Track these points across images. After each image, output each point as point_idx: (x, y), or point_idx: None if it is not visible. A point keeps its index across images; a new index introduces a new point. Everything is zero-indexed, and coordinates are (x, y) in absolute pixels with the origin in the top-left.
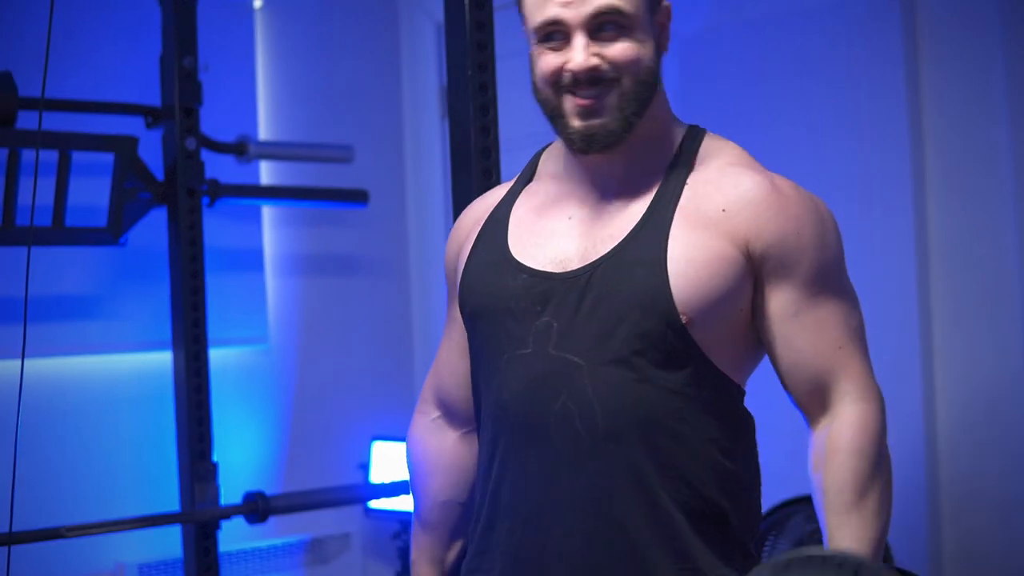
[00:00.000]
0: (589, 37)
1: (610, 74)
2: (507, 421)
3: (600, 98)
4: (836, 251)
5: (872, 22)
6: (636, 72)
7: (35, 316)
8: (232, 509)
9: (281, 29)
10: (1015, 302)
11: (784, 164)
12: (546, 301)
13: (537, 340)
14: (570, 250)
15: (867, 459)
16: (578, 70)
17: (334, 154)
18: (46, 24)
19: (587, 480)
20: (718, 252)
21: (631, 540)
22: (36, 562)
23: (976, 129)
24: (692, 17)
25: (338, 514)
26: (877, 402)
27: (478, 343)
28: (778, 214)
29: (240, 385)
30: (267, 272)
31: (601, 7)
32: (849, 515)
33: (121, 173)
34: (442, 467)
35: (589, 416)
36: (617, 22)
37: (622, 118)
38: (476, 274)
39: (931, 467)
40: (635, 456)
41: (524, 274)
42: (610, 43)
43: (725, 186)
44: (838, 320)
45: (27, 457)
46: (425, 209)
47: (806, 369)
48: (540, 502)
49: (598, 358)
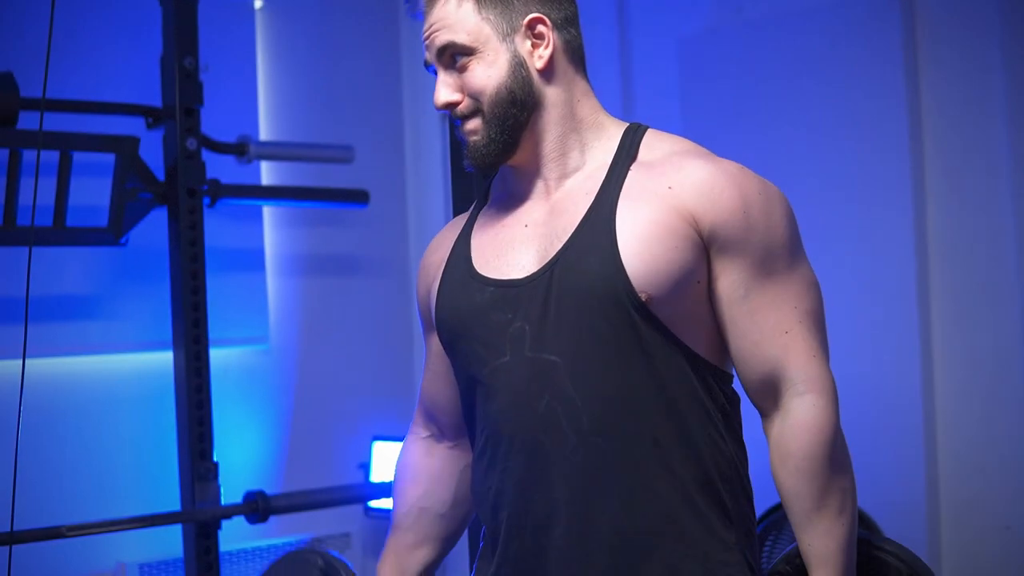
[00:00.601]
0: (450, 69)
1: (467, 104)
2: (498, 432)
3: (464, 125)
4: (786, 232)
5: (872, 22)
6: (487, 95)
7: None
8: (232, 509)
9: (281, 29)
10: (1015, 302)
11: (784, 164)
12: (515, 308)
13: (513, 347)
14: (530, 254)
15: (820, 460)
16: (436, 107)
17: (334, 154)
18: (47, 24)
19: (578, 477)
20: (665, 225)
21: (626, 533)
22: (37, 562)
23: (975, 129)
24: (692, 17)
25: (338, 514)
26: (826, 394)
27: (460, 363)
28: (723, 193)
29: (240, 385)
30: (268, 272)
31: (440, 44)
32: (812, 523)
33: (122, 173)
34: (425, 476)
35: (573, 413)
36: (461, 51)
37: (489, 139)
38: (448, 299)
39: (931, 467)
40: (621, 447)
41: (490, 287)
42: (463, 73)
43: (669, 170)
44: (787, 303)
45: (28, 457)
46: (425, 209)
47: (754, 355)
48: (536, 506)
49: (573, 353)
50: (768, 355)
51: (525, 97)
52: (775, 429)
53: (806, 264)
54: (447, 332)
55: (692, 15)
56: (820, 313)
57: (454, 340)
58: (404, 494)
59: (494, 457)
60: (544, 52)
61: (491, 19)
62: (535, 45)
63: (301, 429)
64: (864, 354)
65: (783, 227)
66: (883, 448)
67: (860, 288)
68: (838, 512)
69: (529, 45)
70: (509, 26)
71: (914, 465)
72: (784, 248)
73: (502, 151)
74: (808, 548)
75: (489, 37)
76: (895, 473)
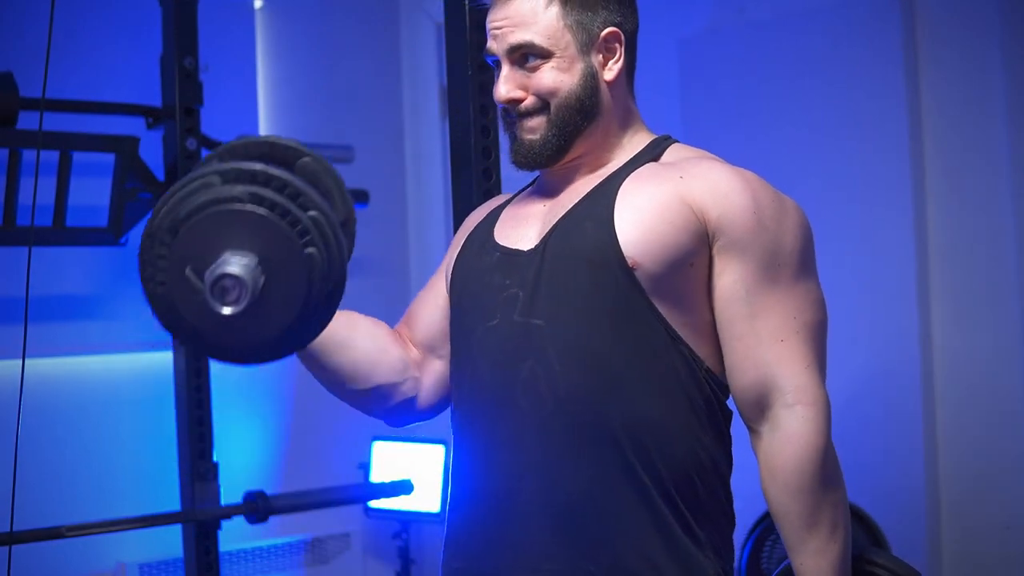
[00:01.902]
0: (516, 66)
1: (532, 102)
2: (482, 394)
3: (523, 123)
4: (797, 243)
5: (872, 22)
6: (557, 99)
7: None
8: (232, 509)
9: (281, 29)
10: (1015, 302)
11: (785, 164)
12: (514, 274)
13: (504, 310)
14: (536, 228)
15: (809, 476)
16: (497, 100)
17: (334, 154)
18: (47, 24)
19: (553, 443)
20: (666, 204)
21: (599, 503)
22: (37, 562)
23: (975, 129)
24: (692, 17)
25: (338, 514)
26: (816, 405)
27: (458, 323)
28: (735, 192)
29: (240, 385)
30: None
31: (515, 43)
32: (804, 541)
33: (122, 173)
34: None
35: (551, 378)
36: (537, 53)
37: (546, 141)
38: (463, 256)
39: (931, 467)
40: (595, 419)
41: (497, 252)
42: (532, 72)
43: (686, 166)
44: (786, 312)
45: (27, 457)
46: (425, 209)
47: (746, 359)
48: (509, 469)
49: (557, 318)
50: (760, 360)
51: (591, 107)
52: (764, 442)
53: (815, 281)
54: (453, 289)
55: (692, 15)
56: (821, 330)
57: (459, 298)
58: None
59: (472, 416)
60: (615, 66)
61: (573, 27)
62: (607, 58)
63: (301, 429)
64: (864, 354)
65: (794, 237)
66: (883, 448)
67: (860, 288)
68: (831, 530)
69: (602, 57)
70: (588, 37)
71: (914, 465)
72: (792, 257)
73: (555, 154)
74: (800, 567)
75: (568, 44)
76: (895, 473)
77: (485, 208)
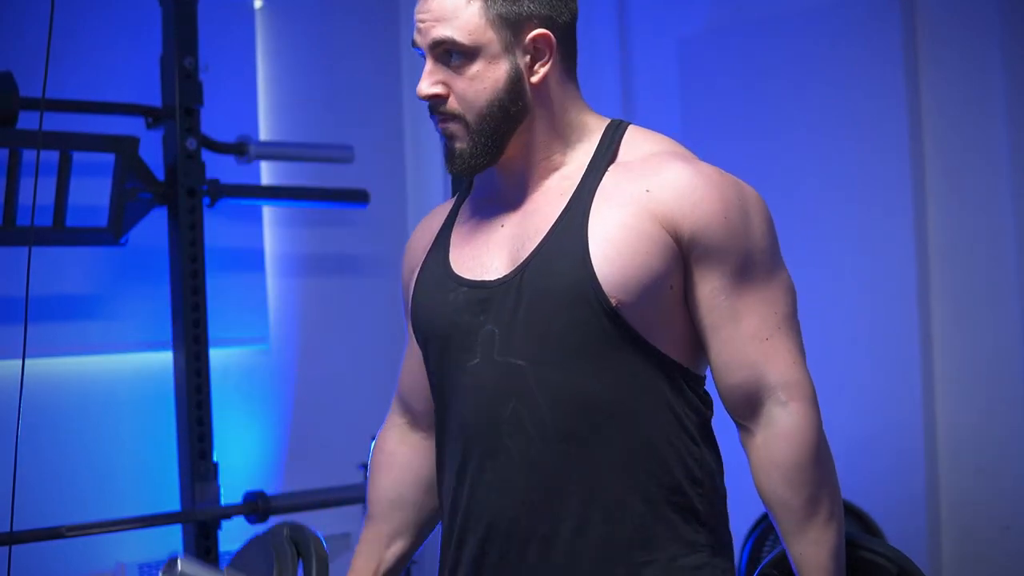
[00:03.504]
0: (440, 62)
1: (453, 104)
2: (465, 434)
3: (446, 125)
4: (766, 238)
5: (872, 22)
6: (474, 110)
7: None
8: (232, 509)
9: (281, 29)
10: (1015, 302)
11: (784, 164)
12: (486, 310)
13: (483, 349)
14: (502, 256)
15: (807, 470)
16: (421, 95)
17: (334, 154)
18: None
19: (541, 484)
20: (639, 230)
21: (589, 540)
22: (36, 562)
23: (975, 129)
24: (692, 17)
25: (338, 514)
26: (807, 401)
27: (432, 362)
28: (703, 199)
29: (240, 385)
30: (267, 272)
31: (437, 38)
32: (802, 532)
33: (122, 173)
34: (397, 464)
35: (538, 418)
36: (459, 51)
37: (475, 147)
38: (423, 295)
39: (931, 467)
40: (587, 453)
41: (463, 287)
42: (456, 72)
43: (648, 171)
44: (766, 309)
45: (27, 457)
46: (425, 209)
47: (734, 360)
48: (499, 511)
49: (539, 358)
50: (748, 361)
51: (516, 110)
52: (758, 439)
53: (783, 267)
54: (420, 330)
55: (692, 15)
56: (796, 316)
57: (427, 339)
58: (378, 482)
59: (457, 457)
60: (541, 69)
61: (496, 24)
62: (534, 59)
63: (301, 429)
64: (864, 354)
65: (762, 232)
66: (883, 448)
67: (860, 288)
68: (827, 519)
69: (528, 59)
70: (513, 37)
71: (914, 465)
72: (764, 253)
73: (488, 160)
74: (800, 557)
75: (491, 43)
76: (895, 473)
77: (425, 231)
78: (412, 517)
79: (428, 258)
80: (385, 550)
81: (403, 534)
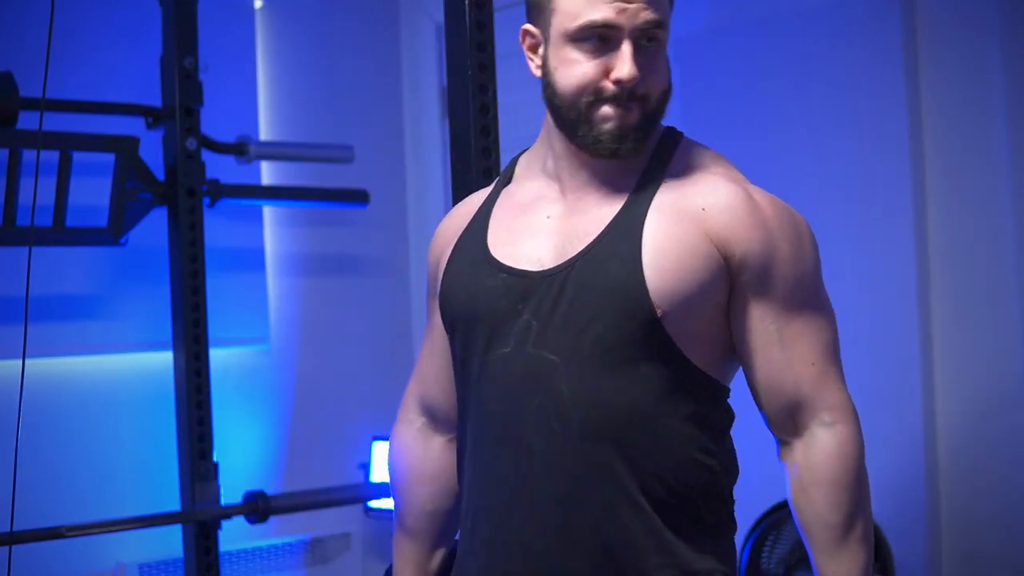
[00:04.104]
0: (637, 46)
1: (643, 87)
2: (487, 421)
3: (632, 106)
4: (814, 265)
5: (872, 22)
6: (663, 89)
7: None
8: (232, 509)
9: (281, 29)
10: (1015, 302)
11: (784, 164)
12: (526, 300)
13: (517, 339)
14: (547, 248)
15: (848, 490)
16: (628, 79)
17: (334, 154)
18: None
19: (561, 479)
20: (693, 246)
21: (606, 540)
22: (36, 562)
23: (975, 129)
24: (692, 17)
25: (338, 514)
26: (852, 423)
27: (460, 345)
28: (757, 226)
29: (241, 385)
30: (268, 272)
31: (650, 20)
32: (838, 550)
33: (122, 173)
34: (428, 475)
35: (564, 414)
36: (656, 37)
37: (644, 129)
38: (457, 276)
39: (931, 467)
40: (609, 454)
41: (503, 273)
42: (649, 58)
43: (704, 189)
44: (813, 336)
45: (27, 457)
46: (425, 209)
47: (780, 384)
48: (515, 502)
49: (573, 355)
50: (793, 385)
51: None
52: (799, 456)
53: (826, 295)
54: (450, 311)
55: (692, 15)
56: (838, 342)
57: (457, 321)
58: (410, 495)
59: (478, 443)
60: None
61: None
62: None
63: (301, 429)
64: (864, 354)
65: (811, 260)
66: (883, 448)
67: (860, 288)
68: (862, 538)
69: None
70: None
71: (914, 465)
72: (812, 281)
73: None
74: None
75: (667, 29)
76: (895, 473)
77: (455, 218)
78: (451, 526)
79: (462, 239)
80: (430, 562)
81: (444, 545)
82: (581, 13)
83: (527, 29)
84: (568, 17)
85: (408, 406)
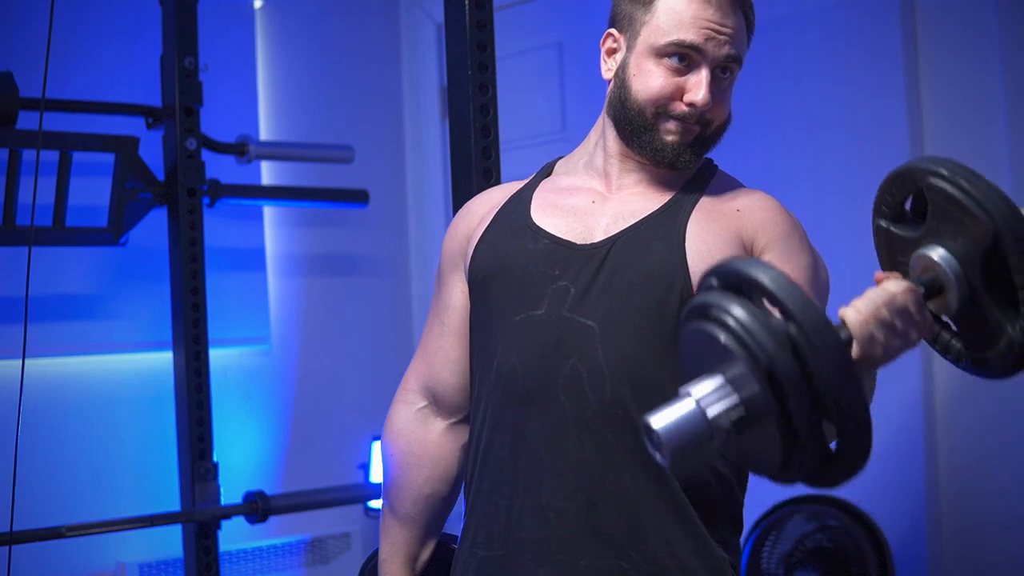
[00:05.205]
0: (714, 75)
1: (709, 114)
2: (513, 384)
3: (696, 131)
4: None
5: (872, 22)
6: (725, 119)
7: (35, 316)
8: (232, 509)
9: (281, 29)
10: None
11: (784, 164)
12: (565, 267)
13: (552, 302)
14: (592, 225)
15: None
16: (702, 105)
17: (334, 154)
18: (47, 24)
19: (593, 445)
20: (728, 239)
21: (638, 508)
22: (36, 562)
23: (975, 129)
24: None
25: (338, 514)
26: None
27: (489, 305)
28: (782, 221)
29: (241, 385)
30: (268, 272)
31: (732, 54)
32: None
33: (122, 173)
34: (427, 459)
35: (598, 379)
36: (731, 70)
37: (703, 150)
38: (493, 241)
39: (931, 467)
40: (636, 421)
41: (546, 240)
42: (721, 89)
43: (740, 196)
44: None
45: (27, 457)
46: (425, 209)
47: None
48: (543, 467)
49: (611, 322)
50: None
51: None
52: None
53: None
54: (483, 269)
55: None
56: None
57: (489, 279)
58: (407, 478)
59: (502, 410)
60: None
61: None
62: None
63: (301, 429)
64: None
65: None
66: (883, 448)
67: (860, 288)
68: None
69: None
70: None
71: (914, 465)
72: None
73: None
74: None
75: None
76: (895, 473)
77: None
78: (443, 515)
79: (500, 213)
80: (420, 550)
81: (434, 534)
82: (673, 31)
83: (611, 33)
84: (659, 32)
85: (409, 387)
